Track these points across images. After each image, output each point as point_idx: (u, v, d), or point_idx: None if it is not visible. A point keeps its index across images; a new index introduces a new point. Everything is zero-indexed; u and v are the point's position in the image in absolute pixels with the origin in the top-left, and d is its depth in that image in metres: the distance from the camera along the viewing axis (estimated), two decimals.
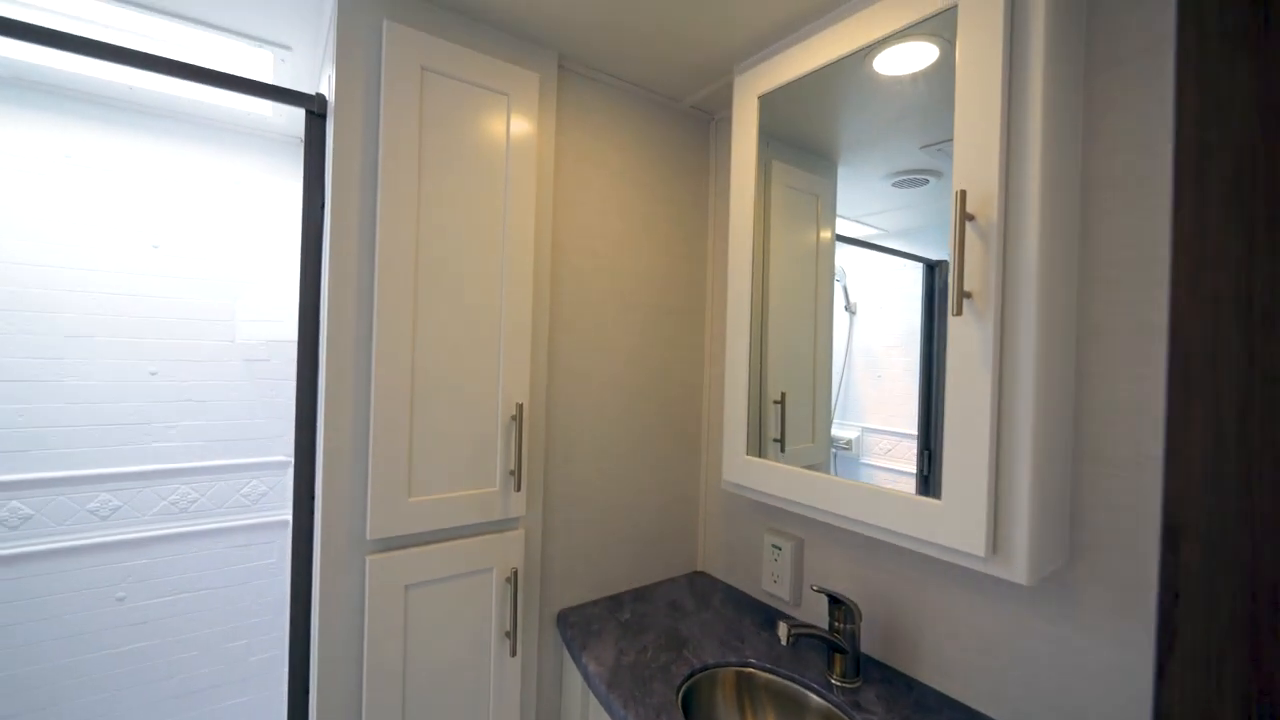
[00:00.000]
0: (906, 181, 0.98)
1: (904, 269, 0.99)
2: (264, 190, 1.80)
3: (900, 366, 1.00)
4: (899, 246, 1.01)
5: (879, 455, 1.03)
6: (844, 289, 1.11)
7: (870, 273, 1.06)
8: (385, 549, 1.04)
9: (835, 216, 1.13)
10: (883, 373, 1.03)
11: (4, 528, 1.50)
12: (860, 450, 1.07)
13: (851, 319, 1.10)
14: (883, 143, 1.01)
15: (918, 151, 0.95)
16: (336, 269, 1.00)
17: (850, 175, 1.11)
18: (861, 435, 1.07)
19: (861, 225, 1.08)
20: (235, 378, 1.77)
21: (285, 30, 1.17)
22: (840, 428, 1.11)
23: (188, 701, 1.73)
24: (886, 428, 1.02)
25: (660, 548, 1.46)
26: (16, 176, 1.49)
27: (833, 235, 1.13)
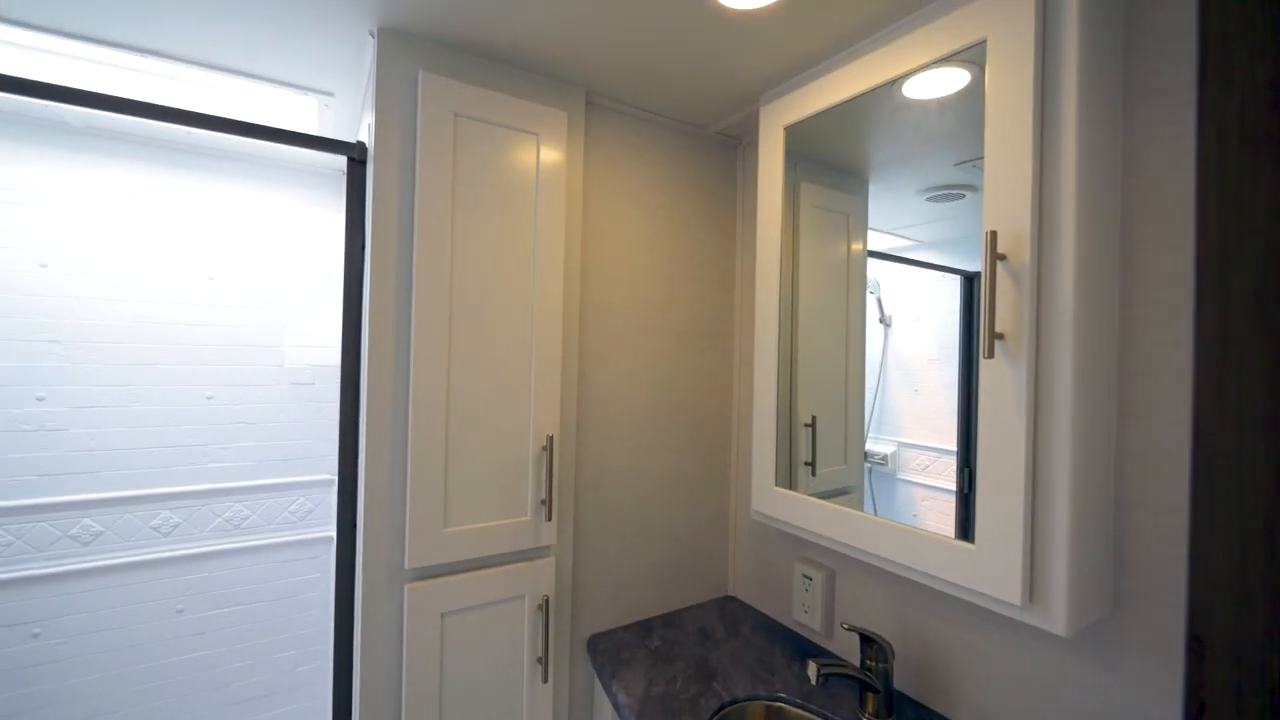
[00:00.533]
0: (941, 196, 0.97)
1: (940, 280, 0.98)
2: (309, 222, 1.89)
3: (938, 381, 0.98)
4: (935, 258, 0.99)
5: (916, 471, 1.02)
6: (878, 301, 1.10)
7: (905, 284, 1.04)
8: (422, 577, 1.08)
9: (867, 232, 1.12)
10: (920, 386, 1.01)
11: (77, 544, 1.61)
12: (897, 465, 1.05)
13: (886, 331, 1.08)
14: (915, 160, 1.00)
15: (952, 168, 0.93)
16: (376, 308, 1.05)
17: (882, 191, 1.10)
18: (898, 450, 1.05)
19: (895, 237, 1.07)
20: (283, 401, 1.86)
21: (329, 79, 1.23)
22: (876, 442, 1.10)
23: (243, 709, 1.82)
24: (924, 443, 1.01)
25: (690, 573, 1.46)
26: (88, 217, 1.61)
27: (864, 251, 1.12)
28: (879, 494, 1.08)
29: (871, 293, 1.11)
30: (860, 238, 1.14)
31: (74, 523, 1.61)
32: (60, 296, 1.58)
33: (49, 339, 1.57)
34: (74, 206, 1.59)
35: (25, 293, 1.55)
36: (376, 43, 1.03)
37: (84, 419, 1.61)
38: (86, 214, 1.61)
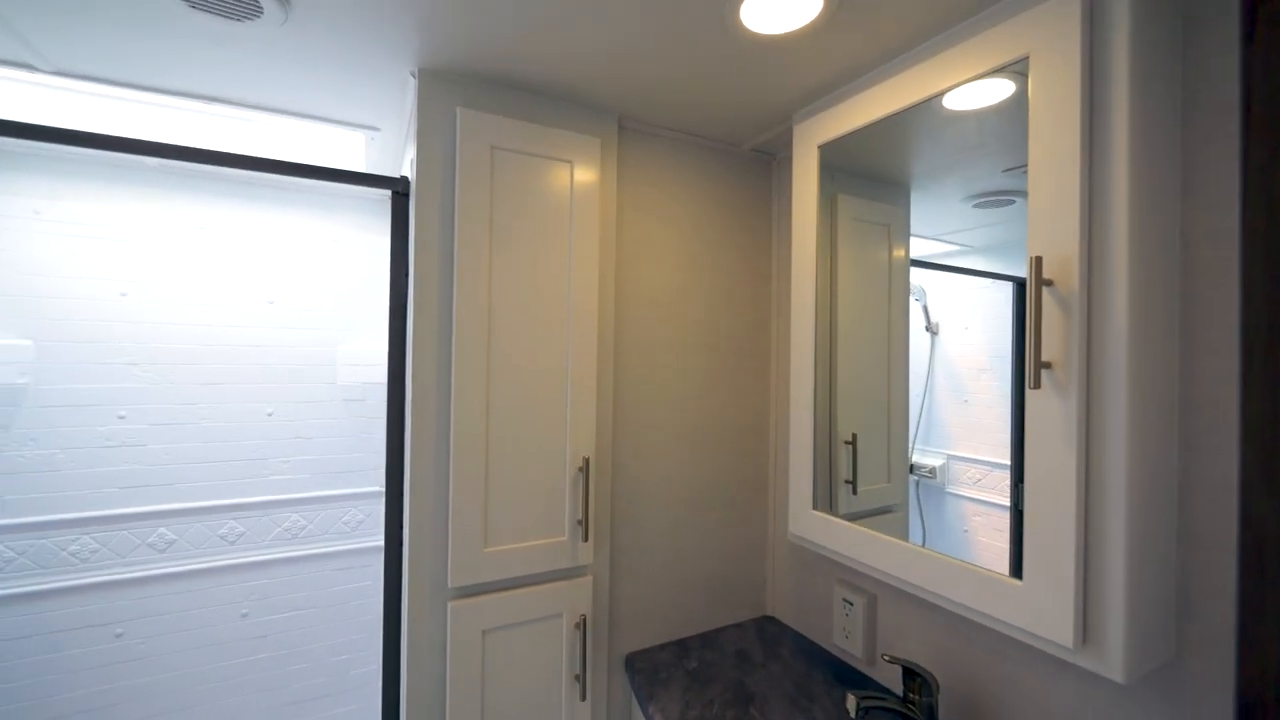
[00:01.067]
0: (989, 203, 0.94)
1: (991, 287, 0.94)
2: (359, 247, 1.99)
3: (990, 391, 0.95)
4: (984, 263, 0.95)
5: (967, 485, 0.98)
6: (924, 309, 1.07)
7: (953, 290, 1.00)
8: (464, 595, 1.12)
9: (909, 241, 1.09)
10: (970, 397, 0.98)
11: (154, 550, 1.74)
12: (946, 479, 1.02)
13: (933, 340, 1.05)
14: (960, 168, 0.97)
15: (1000, 175, 0.90)
16: (419, 333, 1.09)
17: (925, 199, 1.07)
18: (947, 463, 1.02)
19: (941, 242, 1.04)
20: (336, 416, 1.95)
21: (374, 116, 1.30)
22: (923, 454, 1.07)
23: (302, 708, 1.92)
24: (975, 456, 0.97)
25: (728, 592, 1.45)
26: (163, 249, 1.74)
27: (907, 260, 1.10)
28: (927, 508, 1.05)
29: (917, 300, 1.08)
30: (902, 246, 1.12)
31: (151, 531, 1.73)
32: (139, 323, 1.71)
33: (129, 361, 1.70)
34: (150, 239, 1.73)
35: (108, 320, 1.69)
36: (417, 83, 1.08)
37: (160, 435, 1.74)
38: (161, 246, 1.74)
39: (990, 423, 0.94)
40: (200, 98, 1.22)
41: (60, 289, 1.64)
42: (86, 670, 1.67)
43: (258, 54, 1.04)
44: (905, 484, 1.10)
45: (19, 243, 1.60)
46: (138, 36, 1.00)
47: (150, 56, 1.06)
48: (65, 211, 1.64)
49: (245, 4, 0.86)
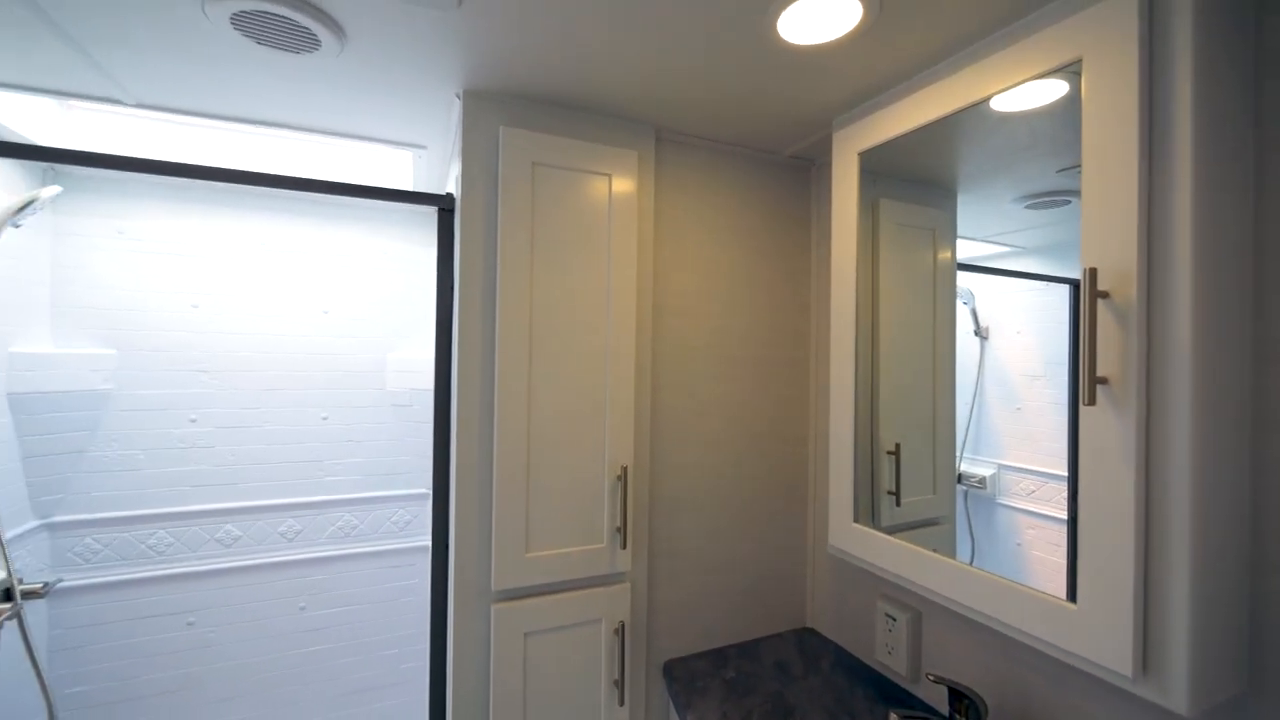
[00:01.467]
0: (1043, 204, 0.90)
1: (1045, 289, 0.91)
2: (407, 258, 2.07)
3: (1045, 399, 0.91)
4: (1038, 265, 0.91)
5: (1020, 496, 0.95)
6: (973, 313, 1.04)
7: (1004, 293, 0.97)
8: (507, 599, 1.15)
9: (955, 244, 1.06)
10: (1023, 405, 0.94)
11: (221, 546, 1.86)
12: (997, 489, 0.99)
13: (983, 345, 1.02)
14: (1010, 170, 0.94)
15: (1054, 175, 0.87)
16: (464, 343, 1.13)
17: (973, 201, 1.04)
18: (998, 473, 0.99)
19: (991, 244, 1.00)
20: (385, 420, 2.04)
21: (422, 135, 1.35)
22: (972, 463, 1.03)
23: (355, 699, 2.01)
24: (1029, 466, 0.93)
25: (767, 603, 1.44)
26: (228, 263, 1.85)
27: (953, 264, 1.07)
28: (977, 519, 1.02)
29: (965, 303, 1.05)
30: (948, 249, 1.09)
31: (219, 527, 1.85)
32: (207, 332, 1.83)
33: (199, 369, 1.82)
34: (217, 254, 1.84)
35: (180, 330, 1.81)
36: (462, 104, 1.12)
37: (226, 438, 1.85)
38: (227, 260, 1.85)
39: (1044, 431, 0.91)
40: (264, 123, 1.30)
41: (139, 302, 1.77)
42: (161, 655, 1.79)
43: (316, 82, 1.10)
44: (952, 495, 1.07)
45: (104, 260, 1.74)
46: (210, 71, 1.07)
47: (220, 88, 1.14)
48: (144, 230, 1.77)
49: (305, 38, 0.92)
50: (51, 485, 1.68)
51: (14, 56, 1.03)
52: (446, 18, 0.88)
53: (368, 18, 0.88)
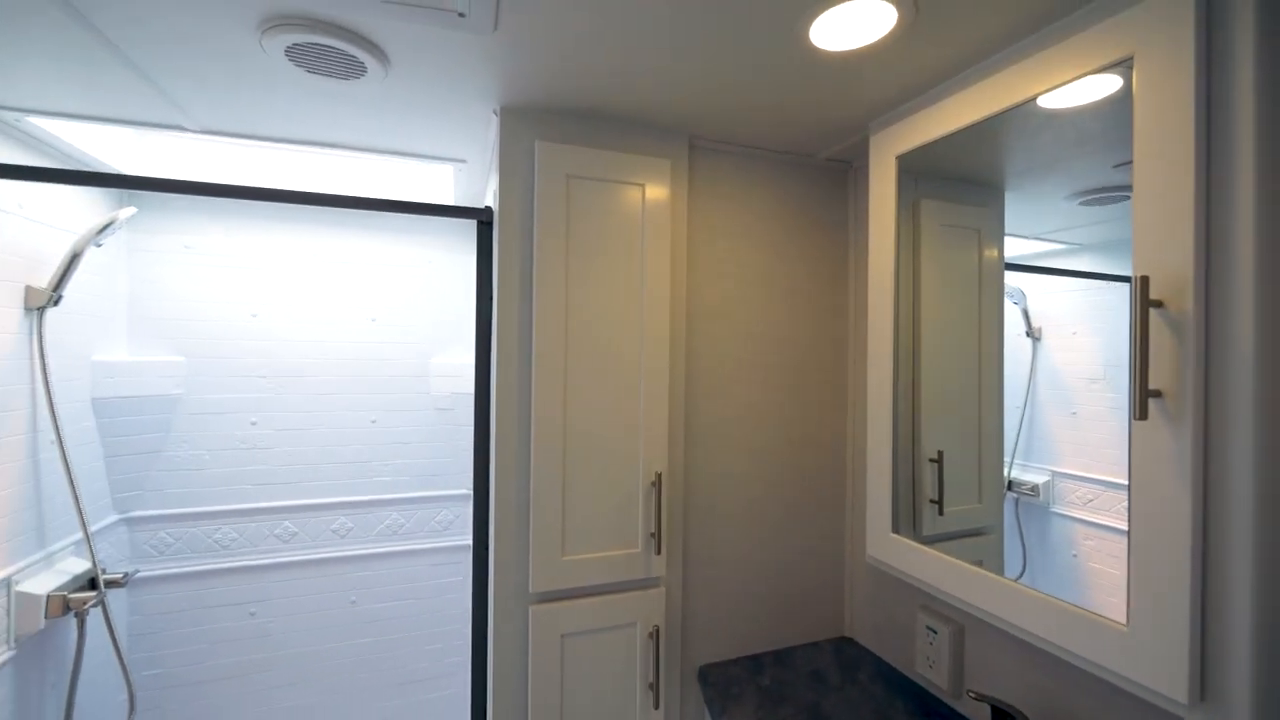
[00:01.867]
0: (1098, 200, 0.87)
1: (1103, 288, 0.87)
2: (449, 267, 2.14)
3: (1104, 403, 0.87)
4: (1094, 263, 0.88)
5: (1076, 505, 0.91)
6: (1024, 313, 1.00)
7: (1059, 292, 0.93)
8: (544, 600, 1.18)
9: (1003, 244, 1.03)
10: (1079, 409, 0.91)
11: (280, 541, 1.97)
12: (1051, 497, 0.95)
13: (1035, 346, 0.98)
14: (1062, 166, 0.91)
15: (1109, 170, 0.83)
16: (503, 352, 1.17)
17: (1022, 199, 1.01)
18: (1052, 480, 0.95)
19: (1043, 241, 0.97)
20: (429, 424, 2.12)
21: (462, 150, 1.40)
22: (1024, 470, 1.00)
23: (404, 689, 2.10)
24: (1085, 473, 0.90)
25: (804, 611, 1.43)
26: (284, 274, 1.96)
27: (1000, 264, 1.04)
28: (1029, 528, 0.99)
29: (1015, 303, 1.01)
30: (995, 249, 1.06)
31: (278, 524, 1.96)
32: (266, 340, 1.94)
33: (259, 375, 1.94)
34: (274, 267, 1.95)
35: (241, 338, 1.93)
36: (499, 120, 1.15)
37: (283, 439, 1.96)
38: (283, 272, 1.96)
39: (1103, 438, 0.87)
40: (315, 144, 1.37)
41: (204, 312, 1.89)
42: (226, 642, 1.92)
43: (363, 105, 1.15)
44: (999, 505, 1.04)
45: (173, 274, 1.86)
46: (266, 98, 1.14)
47: (275, 114, 1.21)
48: (208, 246, 1.89)
49: (353, 66, 0.97)
50: (129, 483, 1.82)
51: (96, 92, 1.13)
52: (483, 41, 0.91)
53: (409, 45, 0.92)
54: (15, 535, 1.37)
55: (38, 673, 1.44)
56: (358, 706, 2.05)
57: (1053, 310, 0.94)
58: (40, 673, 1.45)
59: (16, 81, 1.09)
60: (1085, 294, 0.89)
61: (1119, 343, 0.85)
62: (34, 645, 1.43)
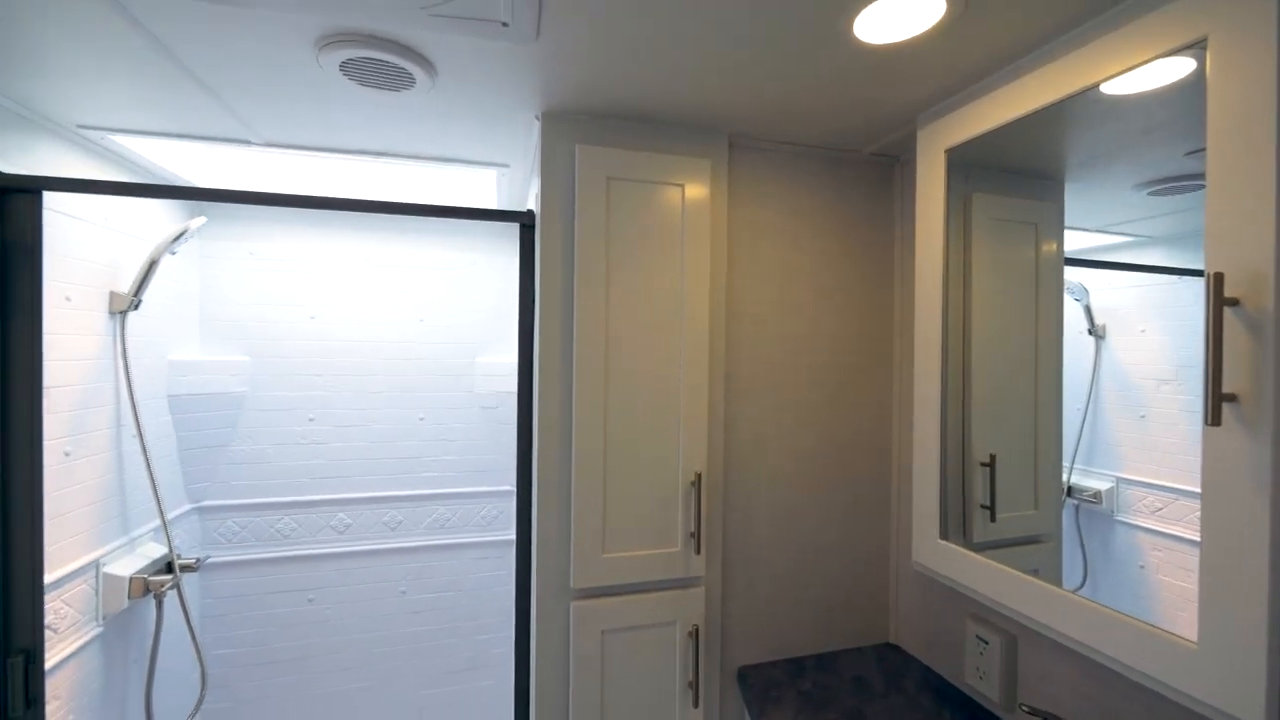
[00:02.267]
0: (1169, 190, 0.82)
1: (1175, 283, 0.82)
2: (493, 268, 2.20)
3: (1175, 405, 0.82)
4: (1165, 257, 0.83)
5: (1143, 514, 0.87)
6: (1086, 310, 0.96)
7: (1125, 288, 0.89)
8: (585, 597, 1.20)
9: (1062, 237, 0.99)
10: (1148, 411, 0.86)
11: (335, 532, 2.06)
12: (1115, 505, 0.91)
13: (1098, 345, 0.94)
14: (1128, 155, 0.86)
15: (1181, 158, 0.79)
16: (544, 352, 1.19)
17: (1084, 190, 0.96)
18: (1116, 487, 0.91)
19: (1107, 234, 0.92)
20: (474, 421, 2.18)
21: (505, 155, 1.44)
22: (1085, 475, 0.96)
23: (451, 678, 2.18)
24: (1154, 480, 0.85)
25: (846, 615, 1.41)
26: (339, 277, 2.05)
27: (1059, 258, 0.99)
28: (1090, 537, 0.94)
29: (1077, 300, 0.97)
30: (1054, 242, 1.01)
31: (333, 516, 2.06)
32: (323, 340, 2.05)
33: (316, 374, 2.04)
34: (330, 270, 2.05)
35: (300, 338, 2.03)
36: (541, 125, 1.18)
37: (339, 435, 2.06)
38: (338, 275, 2.06)
39: (1174, 442, 0.82)
40: (367, 153, 1.44)
41: (267, 314, 2.00)
42: (286, 627, 2.03)
43: (412, 115, 1.20)
44: (1057, 511, 0.99)
45: (239, 278, 1.98)
46: (321, 112, 1.20)
47: (330, 126, 1.27)
48: (270, 251, 2.00)
49: (402, 78, 1.01)
50: (201, 474, 1.95)
51: (172, 111, 1.21)
52: (525, 49, 0.93)
53: (455, 55, 0.95)
54: (102, 521, 1.49)
55: (122, 648, 1.57)
56: (405, 693, 2.14)
57: (1118, 307, 0.90)
58: (124, 648, 1.58)
59: (102, 104, 1.19)
60: (1155, 289, 0.85)
61: (1193, 342, 0.80)
62: (119, 623, 1.55)
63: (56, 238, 1.31)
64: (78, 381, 1.40)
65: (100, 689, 1.47)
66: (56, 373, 1.31)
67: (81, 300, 1.41)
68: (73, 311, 1.38)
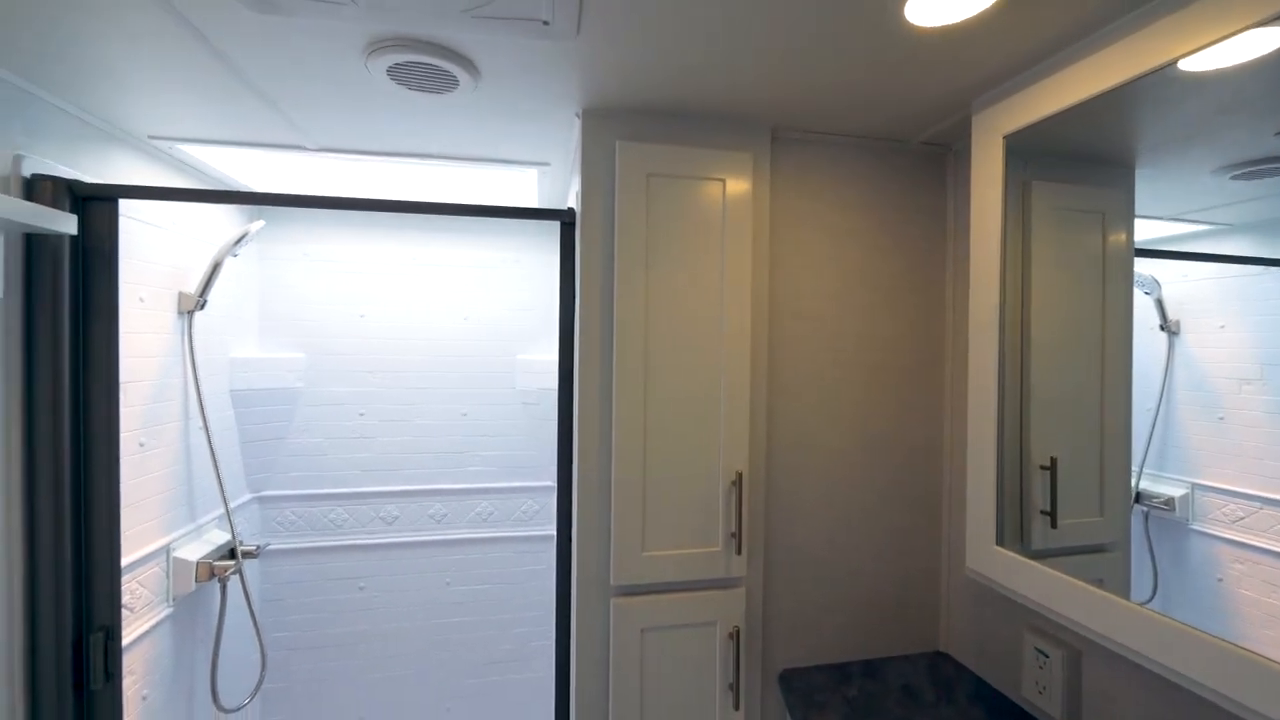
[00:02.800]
0: (1257, 173, 0.76)
1: (1260, 274, 0.76)
2: (534, 265, 2.23)
3: (1259, 406, 0.76)
4: (1250, 246, 0.77)
5: (1222, 523, 0.81)
6: (1157, 304, 0.90)
7: (1201, 280, 0.83)
8: (625, 594, 1.20)
9: (1132, 226, 0.92)
10: (1227, 413, 0.80)
11: (384, 523, 2.14)
12: (1190, 512, 0.85)
13: (1171, 341, 0.88)
14: (1209, 137, 0.80)
15: (1270, 139, 0.73)
16: (585, 350, 1.20)
17: (1157, 175, 0.90)
18: (1191, 493, 0.85)
19: (1183, 223, 0.86)
20: (515, 417, 2.22)
21: (545, 154, 1.45)
22: (1155, 481, 0.90)
23: (492, 669, 2.22)
24: (1235, 487, 0.79)
25: (894, 621, 1.36)
26: (387, 277, 2.12)
27: (1129, 249, 0.93)
28: (1160, 547, 0.88)
29: (1147, 293, 0.91)
30: (1122, 232, 0.95)
31: (382, 507, 2.14)
32: (371, 338, 2.12)
33: (367, 370, 2.12)
34: (379, 270, 2.12)
35: (351, 336, 2.11)
36: (581, 122, 1.18)
37: (387, 430, 2.13)
38: (385, 275, 2.13)
39: (1258, 446, 0.76)
40: (412, 155, 1.48)
41: (320, 313, 2.09)
42: (339, 613, 2.12)
43: (455, 116, 1.22)
44: (1125, 519, 0.93)
45: (295, 278, 2.08)
46: (370, 117, 1.24)
47: (378, 130, 1.31)
48: (323, 252, 2.09)
49: (447, 80, 1.03)
50: (261, 465, 2.05)
51: (233, 120, 1.27)
52: (566, 47, 0.93)
53: (497, 55, 0.96)
54: (172, 508, 1.59)
55: (190, 628, 1.66)
56: (448, 682, 2.20)
57: (1194, 300, 0.83)
58: (191, 629, 1.68)
59: (171, 115, 1.25)
60: (1236, 281, 0.78)
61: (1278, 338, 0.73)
62: (187, 605, 1.64)
63: (131, 242, 1.40)
64: (150, 377, 1.49)
65: (170, 666, 1.57)
66: (131, 369, 1.40)
67: (154, 301, 1.50)
68: (146, 312, 1.47)
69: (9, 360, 1.07)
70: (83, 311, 1.17)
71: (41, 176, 1.10)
